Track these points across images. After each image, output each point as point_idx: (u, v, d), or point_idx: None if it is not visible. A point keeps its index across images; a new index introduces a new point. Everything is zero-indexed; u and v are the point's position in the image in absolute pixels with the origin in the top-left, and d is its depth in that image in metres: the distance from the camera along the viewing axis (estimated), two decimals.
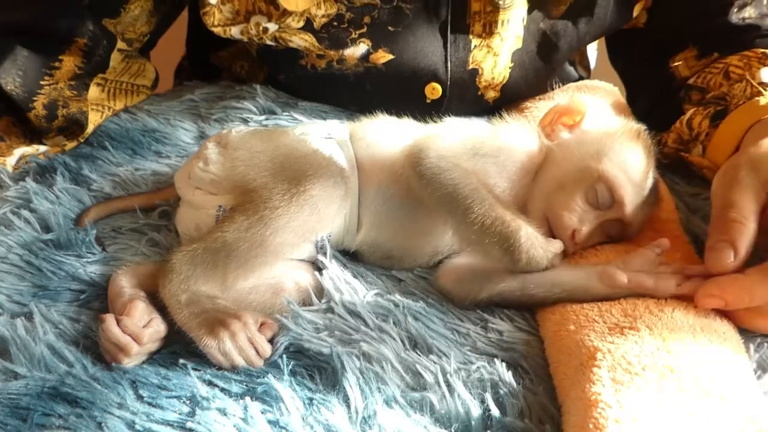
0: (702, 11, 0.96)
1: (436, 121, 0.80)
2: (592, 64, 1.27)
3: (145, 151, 0.91)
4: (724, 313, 0.65)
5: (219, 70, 1.14)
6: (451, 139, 0.74)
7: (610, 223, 0.74)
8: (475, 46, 0.95)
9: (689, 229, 0.80)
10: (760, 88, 0.86)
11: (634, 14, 0.99)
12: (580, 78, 1.17)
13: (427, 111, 0.82)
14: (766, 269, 0.63)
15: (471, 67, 0.96)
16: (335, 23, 0.92)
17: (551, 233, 0.73)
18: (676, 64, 1.00)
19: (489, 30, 0.93)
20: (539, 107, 0.99)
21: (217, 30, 0.95)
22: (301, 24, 0.92)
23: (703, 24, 0.97)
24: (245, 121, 0.96)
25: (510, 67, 0.97)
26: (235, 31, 0.94)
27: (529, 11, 0.95)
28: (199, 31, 1.02)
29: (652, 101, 1.01)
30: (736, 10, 0.95)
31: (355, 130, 0.79)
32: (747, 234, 0.65)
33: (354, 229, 0.74)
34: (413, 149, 0.72)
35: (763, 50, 0.91)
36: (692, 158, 0.89)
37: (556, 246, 0.70)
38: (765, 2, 0.96)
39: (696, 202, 0.86)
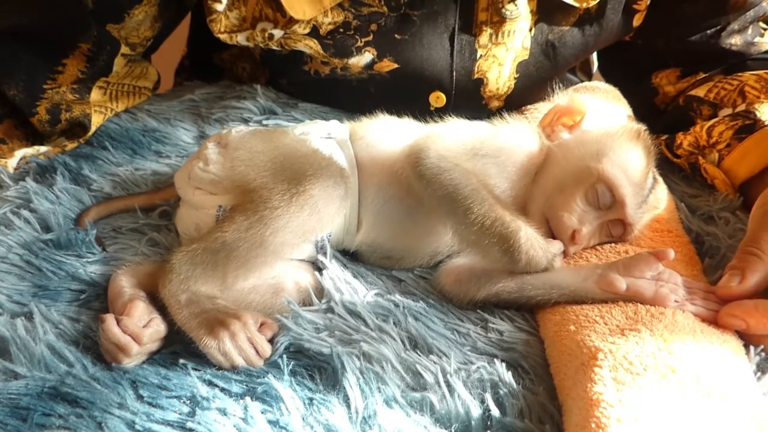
0: (690, 34, 0.98)
1: (437, 121, 0.80)
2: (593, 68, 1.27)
3: (145, 151, 0.91)
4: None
5: (220, 70, 1.13)
6: (452, 139, 0.74)
7: (611, 223, 0.74)
8: (481, 55, 0.94)
9: (689, 229, 0.80)
10: None
11: (635, 24, 0.99)
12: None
13: (430, 118, 0.82)
14: None
15: (476, 76, 0.96)
16: (341, 30, 0.91)
17: (551, 234, 0.73)
18: (658, 80, 1.02)
19: (495, 40, 0.93)
20: (539, 108, 0.99)
21: (224, 37, 0.94)
22: (308, 30, 0.91)
23: (689, 46, 0.98)
24: (245, 121, 0.96)
25: (515, 78, 0.97)
26: (241, 38, 0.94)
27: (538, 22, 0.95)
28: (202, 31, 1.01)
29: (636, 111, 1.03)
30: (724, 36, 0.96)
31: (356, 130, 0.79)
32: (761, 266, 0.65)
33: (354, 229, 0.74)
34: (413, 149, 0.72)
35: None
36: (706, 165, 0.89)
37: (556, 247, 0.70)
38: (749, 32, 0.97)
39: (696, 202, 0.86)
